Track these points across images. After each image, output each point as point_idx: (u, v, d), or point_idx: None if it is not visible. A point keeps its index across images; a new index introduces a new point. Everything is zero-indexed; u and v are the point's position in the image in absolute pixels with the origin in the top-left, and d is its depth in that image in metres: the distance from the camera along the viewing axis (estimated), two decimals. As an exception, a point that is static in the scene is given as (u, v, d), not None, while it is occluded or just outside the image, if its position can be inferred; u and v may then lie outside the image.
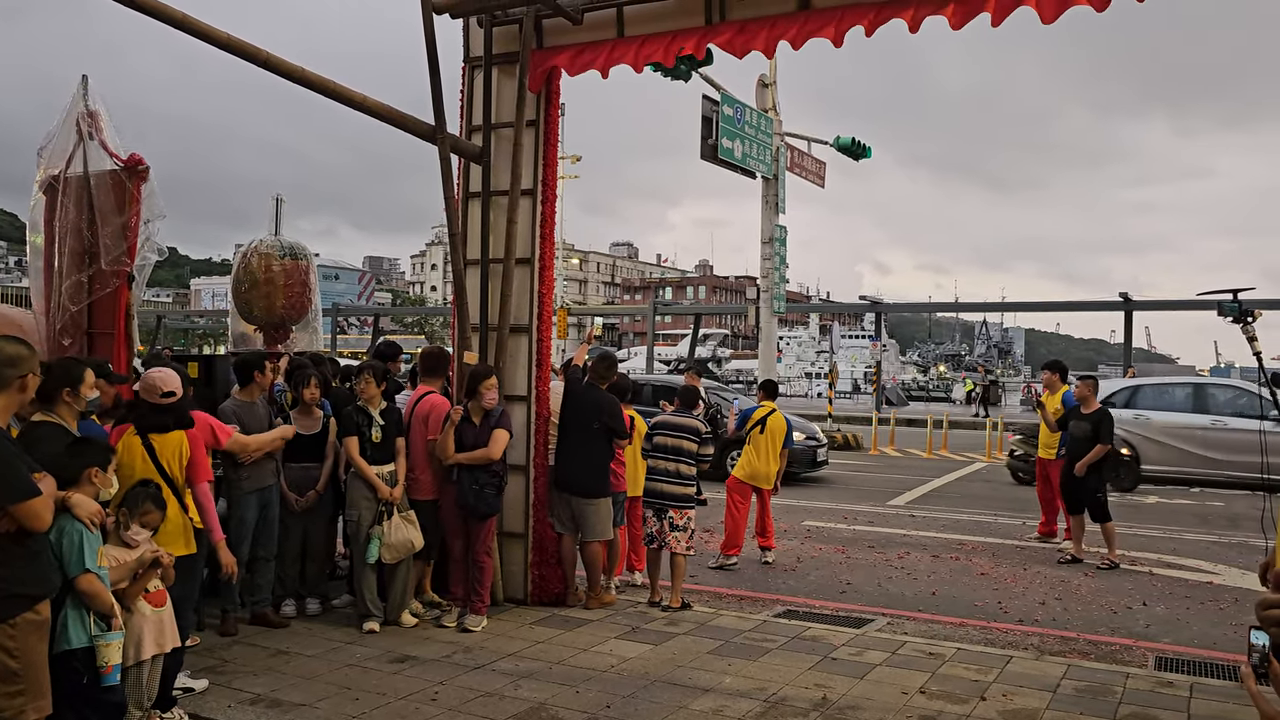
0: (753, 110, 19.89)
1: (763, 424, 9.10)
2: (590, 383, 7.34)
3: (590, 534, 7.14)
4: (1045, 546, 10.19)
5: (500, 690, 5.36)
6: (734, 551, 9.01)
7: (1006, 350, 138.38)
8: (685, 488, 7.29)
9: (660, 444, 7.35)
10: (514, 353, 7.32)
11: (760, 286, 21.66)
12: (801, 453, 14.54)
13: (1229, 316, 5.48)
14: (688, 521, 7.28)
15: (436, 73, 6.89)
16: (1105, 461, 9.42)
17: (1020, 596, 8.07)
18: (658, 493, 7.30)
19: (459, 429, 6.61)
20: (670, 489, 7.27)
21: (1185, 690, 5.56)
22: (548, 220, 7.40)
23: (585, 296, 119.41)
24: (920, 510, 12.58)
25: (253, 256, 8.08)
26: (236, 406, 6.45)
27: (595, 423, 7.09)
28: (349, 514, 6.58)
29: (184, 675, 5.25)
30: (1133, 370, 34.83)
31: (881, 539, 10.52)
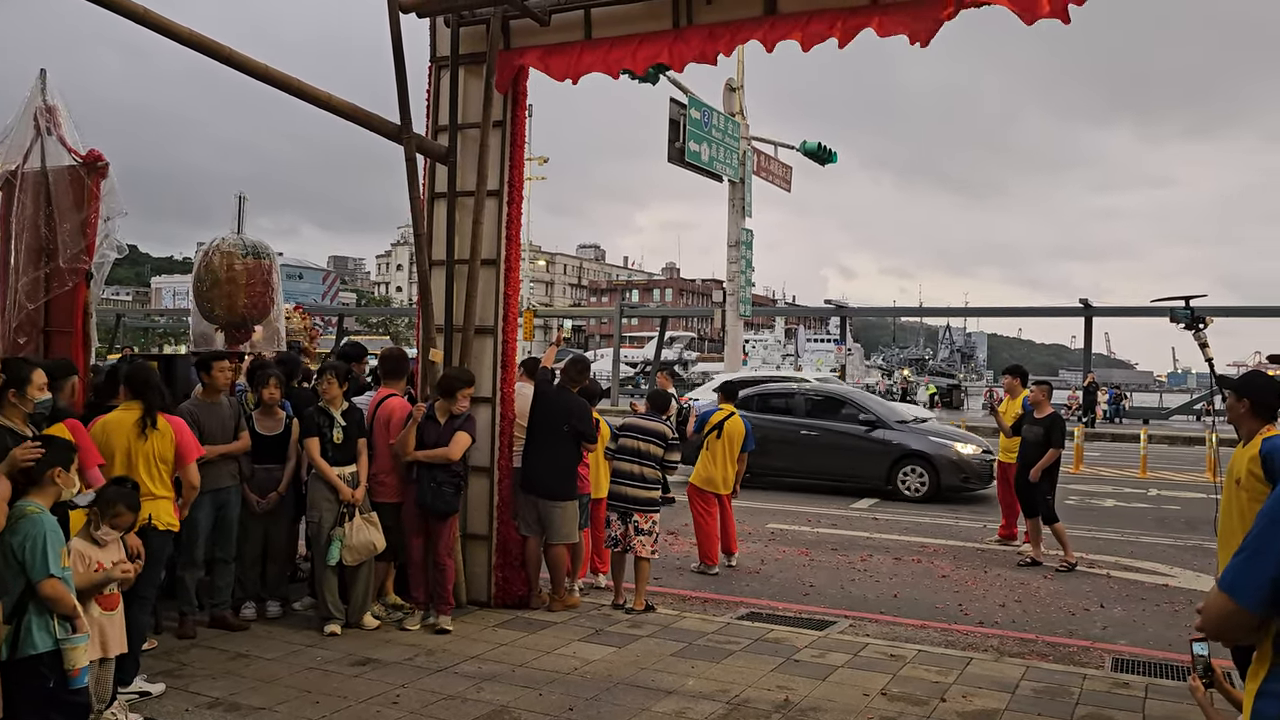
0: (720, 114, 19.97)
1: (719, 428, 8.93)
2: (561, 386, 7.33)
3: (556, 536, 7.13)
4: (1005, 549, 10.30)
5: (462, 693, 5.33)
6: (711, 561, 8.89)
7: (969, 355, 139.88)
8: (650, 491, 7.30)
9: (626, 446, 7.35)
10: (479, 354, 7.29)
11: (726, 289, 21.76)
12: (978, 466, 13.67)
13: (1181, 323, 5.59)
14: (653, 525, 7.29)
15: (402, 72, 6.86)
16: (1056, 465, 9.55)
17: (980, 599, 8.15)
18: (622, 496, 7.30)
19: (421, 427, 6.59)
20: (635, 492, 7.27)
21: (1140, 691, 5.65)
22: (514, 221, 7.38)
23: (552, 298, 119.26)
24: (883, 513, 12.68)
25: (214, 255, 7.99)
26: (195, 407, 6.38)
27: (564, 425, 7.08)
28: (310, 515, 6.52)
29: (140, 679, 5.18)
30: (1092, 375, 35.34)
31: (844, 542, 10.59)
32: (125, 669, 5.04)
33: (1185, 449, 24.90)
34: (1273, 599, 2.03)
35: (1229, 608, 2.11)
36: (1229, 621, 2.13)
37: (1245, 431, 4.24)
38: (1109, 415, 35.44)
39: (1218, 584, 2.17)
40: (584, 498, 7.59)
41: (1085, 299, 31.42)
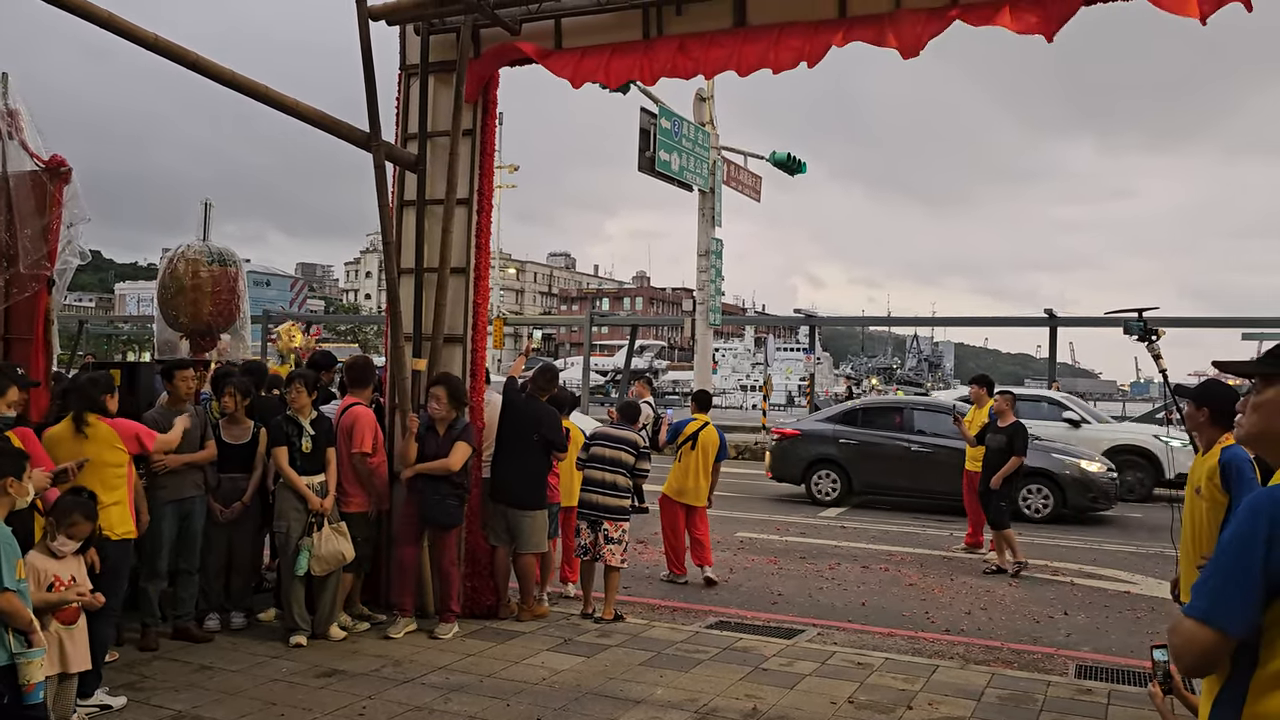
0: (690, 124, 20.04)
1: (694, 439, 8.81)
2: (530, 395, 7.32)
3: (525, 546, 7.11)
4: (971, 557, 10.38)
5: (430, 704, 5.30)
6: (679, 571, 8.88)
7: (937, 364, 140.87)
8: (620, 499, 7.30)
9: (597, 455, 7.34)
10: (448, 363, 7.26)
11: (696, 299, 21.81)
12: (1105, 485, 12.97)
13: (1134, 335, 5.67)
14: (622, 534, 7.29)
15: (372, 79, 6.83)
16: (1018, 473, 9.66)
17: (947, 606, 8.21)
18: (593, 504, 7.28)
19: (421, 438, 6.66)
20: (605, 500, 7.26)
21: (1103, 697, 5.71)
22: (483, 230, 7.37)
23: (522, 306, 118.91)
24: (851, 521, 12.75)
25: (180, 262, 7.91)
26: (160, 415, 6.31)
27: (534, 434, 7.07)
28: (278, 525, 6.47)
29: (101, 692, 5.11)
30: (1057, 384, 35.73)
31: (813, 550, 10.63)
32: (87, 681, 4.97)
33: (1148, 457, 25.23)
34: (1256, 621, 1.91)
35: (1211, 638, 1.93)
36: (1214, 653, 1.95)
37: (1205, 440, 4.28)
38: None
39: (1192, 616, 1.96)
40: (553, 507, 7.57)
41: (1050, 309, 31.68)
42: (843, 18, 6.16)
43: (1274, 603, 1.91)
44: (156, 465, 6.15)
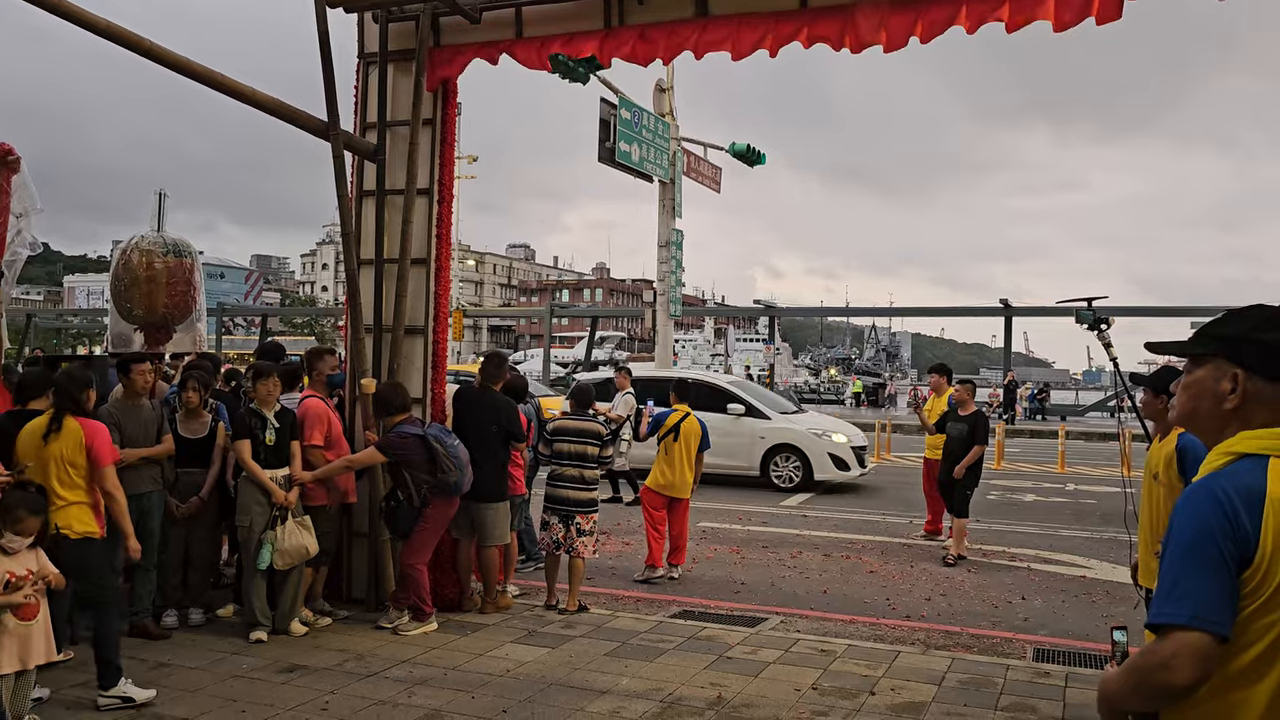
0: (650, 114, 20.01)
1: (676, 430, 8.52)
2: (483, 385, 7.27)
3: (488, 538, 7.07)
4: (931, 544, 10.50)
5: (393, 698, 5.26)
6: (656, 563, 8.57)
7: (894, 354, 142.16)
8: (590, 492, 7.29)
9: (561, 451, 7.30)
10: (409, 355, 7.20)
11: (657, 290, 21.80)
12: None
13: (1085, 324, 5.75)
14: (593, 526, 7.30)
15: (329, 67, 6.74)
16: (979, 461, 9.78)
17: (907, 593, 8.30)
18: (563, 499, 7.25)
19: None
20: (576, 495, 7.25)
21: (1061, 680, 5.81)
22: (444, 220, 7.32)
23: (482, 298, 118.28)
24: (812, 510, 12.84)
25: (133, 253, 7.75)
26: (115, 409, 6.19)
27: (492, 426, 7.03)
28: (240, 519, 6.38)
29: (126, 683, 5.09)
30: (1012, 374, 36.24)
31: (775, 539, 10.70)
32: (108, 675, 5.01)
33: (1100, 445, 25.67)
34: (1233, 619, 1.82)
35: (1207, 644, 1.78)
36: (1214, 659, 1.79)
37: (1162, 427, 4.35)
38: (1030, 413, 36.35)
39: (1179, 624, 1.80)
40: (516, 498, 7.54)
41: (1005, 299, 32.18)
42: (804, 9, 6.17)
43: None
44: None
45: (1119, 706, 1.94)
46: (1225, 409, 1.99)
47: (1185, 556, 1.84)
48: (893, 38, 5.89)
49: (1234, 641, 1.82)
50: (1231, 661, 1.83)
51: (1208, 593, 1.80)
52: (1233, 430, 1.98)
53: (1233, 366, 1.99)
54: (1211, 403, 2.02)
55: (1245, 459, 1.91)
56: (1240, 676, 1.84)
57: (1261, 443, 1.90)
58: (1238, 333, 2.01)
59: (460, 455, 6.53)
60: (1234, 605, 1.82)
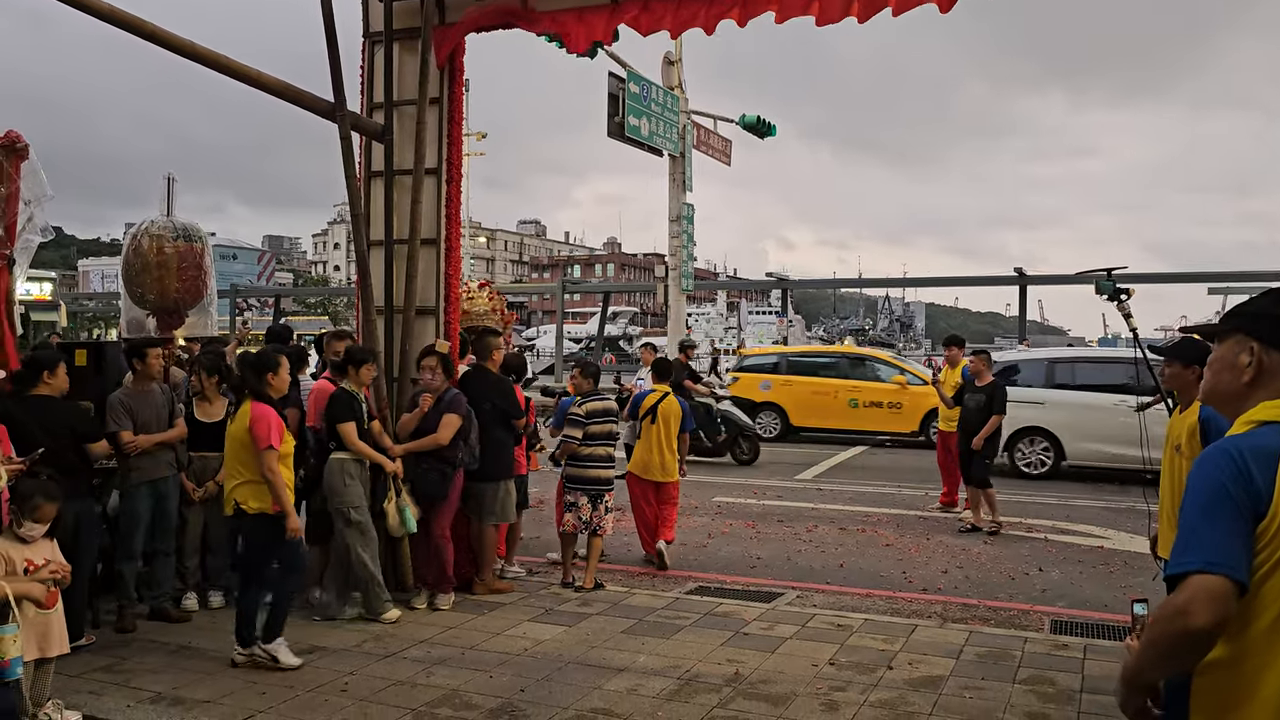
0: (659, 88, 19.88)
1: (653, 412, 8.14)
2: (479, 365, 7.26)
3: (483, 516, 7.03)
4: (947, 516, 10.49)
5: (412, 678, 5.29)
6: (651, 550, 8.26)
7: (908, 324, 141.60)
8: (613, 470, 7.50)
9: (593, 433, 7.34)
10: (420, 336, 7.20)
11: (669, 264, 21.77)
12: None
13: (1104, 294, 5.68)
14: (612, 502, 7.45)
15: (335, 47, 6.69)
16: (998, 432, 9.76)
17: (924, 566, 8.30)
18: (597, 480, 7.35)
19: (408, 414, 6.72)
20: (605, 474, 7.41)
21: (1079, 652, 5.79)
22: (453, 200, 7.29)
23: (493, 275, 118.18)
24: (827, 484, 12.83)
25: (143, 238, 7.75)
26: (127, 397, 6.22)
27: (486, 404, 7.00)
28: (334, 502, 6.33)
29: (282, 645, 5.43)
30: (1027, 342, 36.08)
31: (790, 513, 10.70)
32: (271, 629, 5.42)
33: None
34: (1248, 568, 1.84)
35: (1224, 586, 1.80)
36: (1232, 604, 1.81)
37: (1187, 399, 4.35)
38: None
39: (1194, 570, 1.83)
40: (523, 478, 7.57)
41: (1020, 268, 31.94)
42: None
43: None
44: (129, 447, 6.08)
45: (1142, 677, 1.98)
46: (1243, 381, 2.08)
47: (1199, 511, 1.90)
48: None
49: (1250, 604, 1.86)
50: (1250, 626, 1.87)
51: (1222, 539, 1.84)
52: (1254, 403, 2.05)
53: (1250, 340, 2.08)
54: (1231, 375, 2.11)
55: (1265, 425, 1.98)
56: (1261, 640, 1.87)
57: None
58: (1257, 308, 2.12)
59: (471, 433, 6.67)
60: (1249, 554, 1.85)
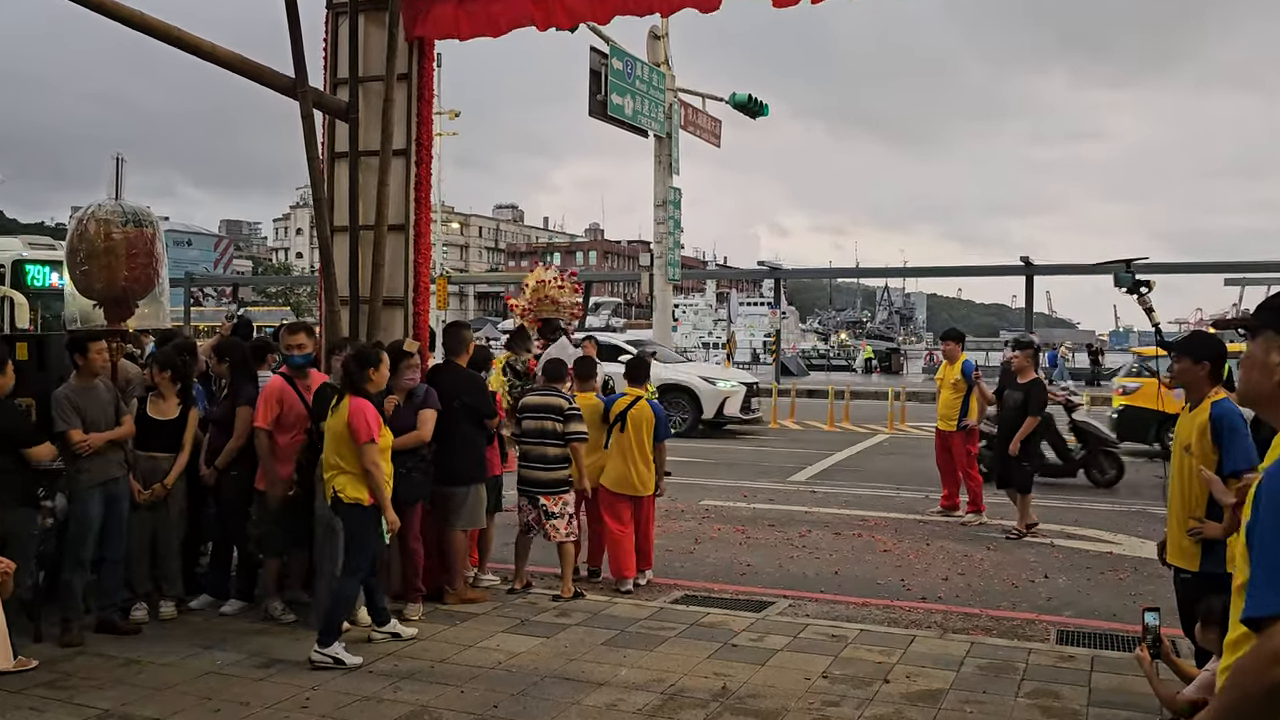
0: (644, 64, 19.85)
1: (622, 419, 7.68)
2: (446, 360, 7.25)
3: (453, 521, 7.03)
4: (948, 521, 10.54)
5: (378, 693, 5.28)
6: (626, 574, 7.71)
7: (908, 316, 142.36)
8: (555, 471, 7.30)
9: (527, 429, 7.37)
10: (388, 327, 7.18)
11: (654, 252, 21.76)
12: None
13: (1124, 287, 5.71)
14: (564, 506, 7.32)
15: (295, 18, 6.66)
16: (1036, 433, 9.87)
17: (923, 573, 8.34)
18: (529, 480, 7.35)
19: None
20: (539, 475, 7.30)
21: (1086, 664, 5.83)
22: (423, 182, 7.26)
23: (467, 263, 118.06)
24: (822, 486, 12.87)
25: (90, 223, 7.65)
26: (73, 393, 6.17)
27: (454, 401, 6.98)
28: (321, 510, 6.31)
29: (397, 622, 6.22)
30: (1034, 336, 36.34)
31: (782, 517, 10.73)
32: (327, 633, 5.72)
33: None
34: None
35: None
36: None
37: (1196, 396, 4.38)
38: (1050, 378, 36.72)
39: None
40: (492, 480, 7.54)
41: (1026, 257, 32.11)
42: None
43: None
44: (80, 446, 6.05)
45: None
46: (1275, 380, 2.03)
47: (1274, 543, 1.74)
48: None
49: None
50: None
51: None
52: None
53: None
54: (1261, 375, 2.06)
55: None
56: None
57: None
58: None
59: None
60: None
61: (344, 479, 5.86)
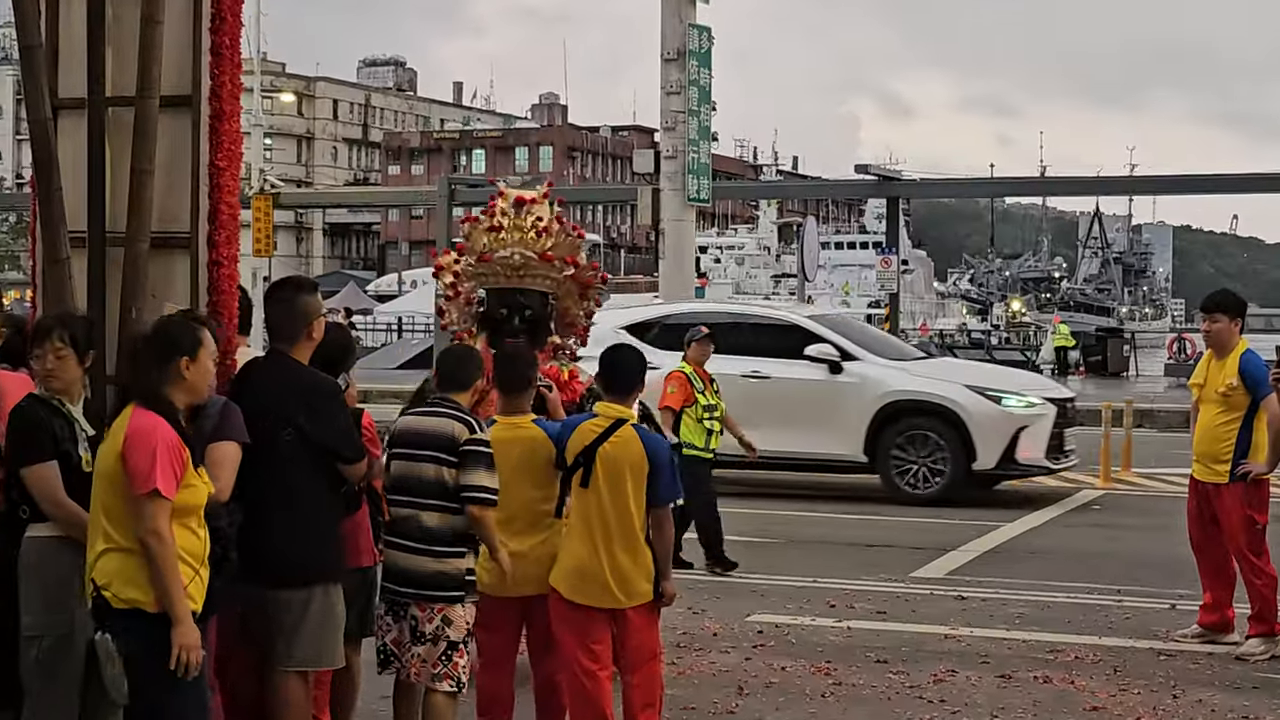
0: None
1: (589, 463, 7.66)
2: (271, 349, 7.22)
3: (279, 654, 7.00)
4: (1213, 650, 10.55)
5: None
6: None
7: (1142, 268, 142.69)
8: (439, 560, 7.19)
9: (394, 477, 7.36)
10: (162, 285, 7.19)
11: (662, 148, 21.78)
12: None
13: None
14: (442, 627, 7.23)
15: None
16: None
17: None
18: (393, 571, 7.28)
19: None
20: (412, 563, 7.23)
21: None
22: (226, 20, 7.27)
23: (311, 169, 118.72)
24: (974, 587, 12.90)
25: None
26: None
27: (283, 430, 6.93)
28: (30, 616, 6.42)
29: None
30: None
31: (902, 645, 10.79)
32: None
33: None
34: None
35: None
36: None
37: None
38: None
39: None
40: (363, 573, 7.50)
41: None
42: None
43: None
44: None
45: None
46: None
47: None
48: None
49: None
50: None
51: None
52: None
53: None
54: None
55: None
56: None
57: None
58: None
59: None
60: None
61: (113, 563, 5.79)
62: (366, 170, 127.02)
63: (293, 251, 77.00)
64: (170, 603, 5.69)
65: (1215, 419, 10.65)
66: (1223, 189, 56.82)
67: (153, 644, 5.71)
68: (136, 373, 6.05)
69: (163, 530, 5.68)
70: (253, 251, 36.46)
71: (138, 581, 5.75)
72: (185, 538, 5.83)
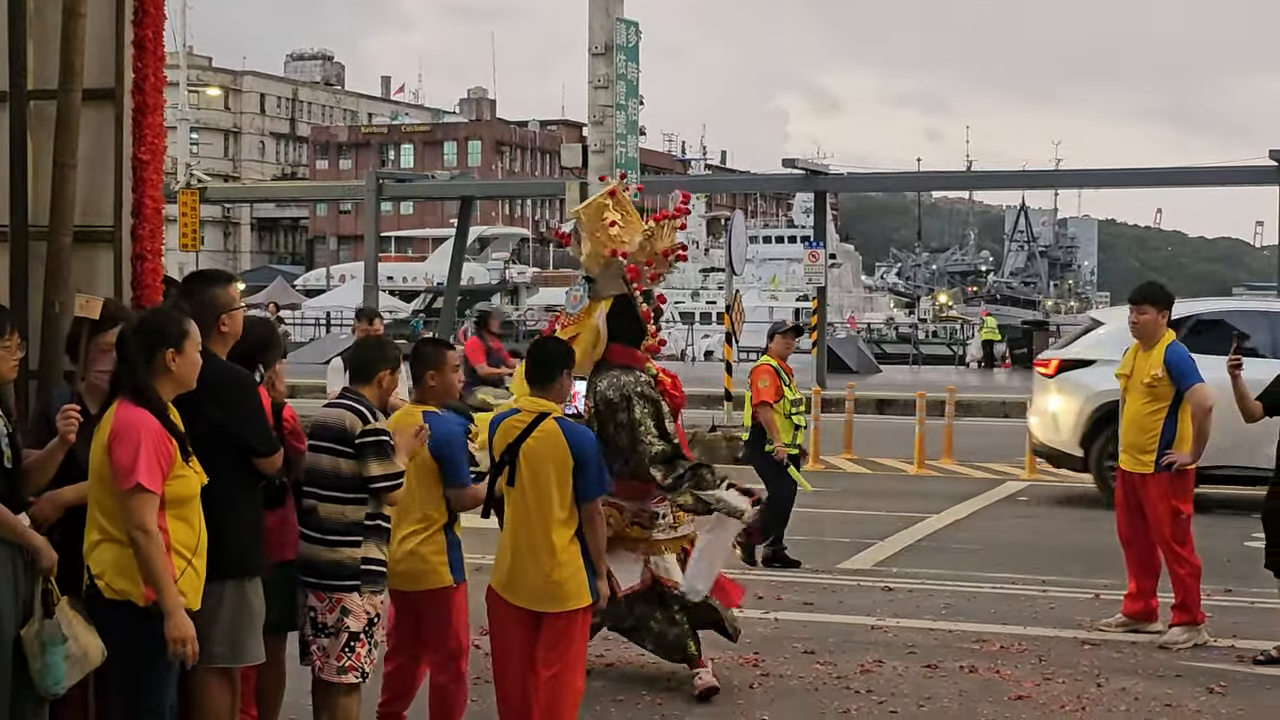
0: None
1: (512, 459, 7.60)
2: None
3: (204, 653, 6.91)
4: (1136, 640, 10.63)
5: None
6: None
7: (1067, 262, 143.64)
8: (338, 550, 7.16)
9: (305, 469, 7.34)
10: (85, 280, 7.15)
11: (590, 142, 21.77)
12: None
13: None
14: (340, 617, 7.17)
15: None
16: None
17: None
18: (300, 562, 7.27)
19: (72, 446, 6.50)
20: (312, 553, 7.23)
21: None
22: (148, 13, 7.23)
23: (238, 163, 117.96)
24: (902, 578, 12.95)
25: None
26: None
27: (199, 423, 6.87)
28: None
29: None
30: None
31: (828, 635, 10.83)
32: None
33: None
34: None
35: None
36: None
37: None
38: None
39: None
40: (286, 567, 7.44)
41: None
42: None
43: None
44: None
45: None
46: None
47: None
48: None
49: None
50: None
51: None
52: None
53: None
54: None
55: None
56: None
57: None
58: None
59: None
60: None
61: (109, 554, 5.92)
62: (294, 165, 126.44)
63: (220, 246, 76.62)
64: (161, 596, 5.79)
65: (1141, 409, 10.72)
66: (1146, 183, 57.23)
67: (140, 635, 5.88)
68: (122, 366, 6.04)
69: (148, 525, 5.75)
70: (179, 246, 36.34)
71: (130, 573, 5.85)
72: (179, 529, 5.95)
